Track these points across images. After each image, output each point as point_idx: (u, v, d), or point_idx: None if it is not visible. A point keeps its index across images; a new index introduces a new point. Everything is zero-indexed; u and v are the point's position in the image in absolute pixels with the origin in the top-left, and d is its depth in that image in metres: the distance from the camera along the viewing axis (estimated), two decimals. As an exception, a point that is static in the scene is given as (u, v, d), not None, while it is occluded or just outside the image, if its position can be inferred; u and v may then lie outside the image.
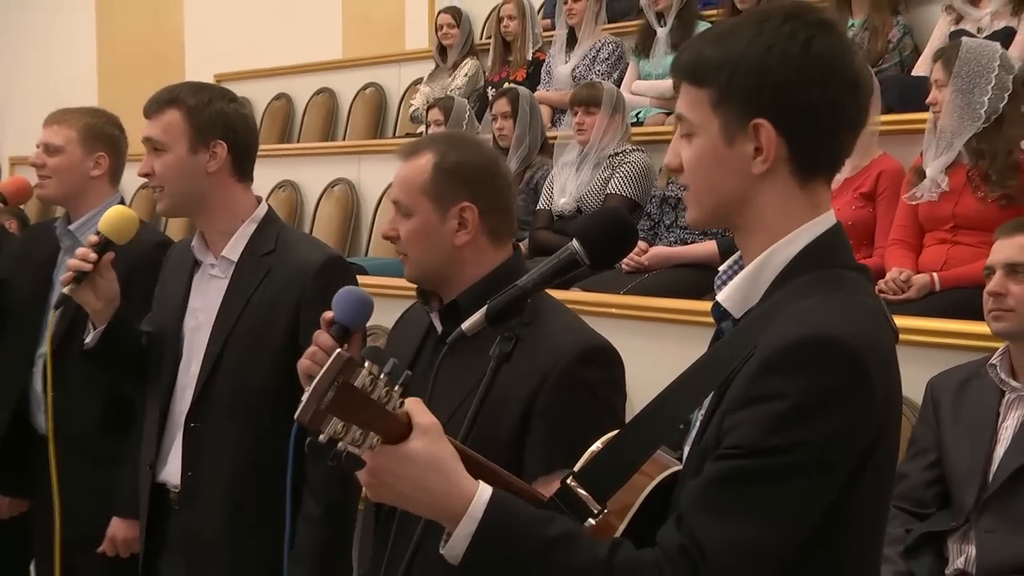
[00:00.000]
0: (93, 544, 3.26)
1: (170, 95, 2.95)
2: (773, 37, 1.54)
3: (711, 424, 1.51)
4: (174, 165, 2.90)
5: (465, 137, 2.78)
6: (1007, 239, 2.88)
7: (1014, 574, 2.68)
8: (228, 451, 2.86)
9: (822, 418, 1.42)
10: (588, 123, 5.19)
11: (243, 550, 2.85)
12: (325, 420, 1.37)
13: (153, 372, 3.01)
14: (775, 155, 1.54)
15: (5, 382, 3.67)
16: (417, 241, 2.35)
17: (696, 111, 1.58)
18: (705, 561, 1.41)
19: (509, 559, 1.45)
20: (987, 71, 3.86)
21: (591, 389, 2.21)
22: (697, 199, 1.63)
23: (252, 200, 3.03)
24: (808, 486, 1.44)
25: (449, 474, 1.46)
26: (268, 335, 2.85)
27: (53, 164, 3.51)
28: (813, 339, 1.43)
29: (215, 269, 2.96)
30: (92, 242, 2.87)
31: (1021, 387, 2.83)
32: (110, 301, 2.90)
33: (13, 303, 3.66)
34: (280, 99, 9.21)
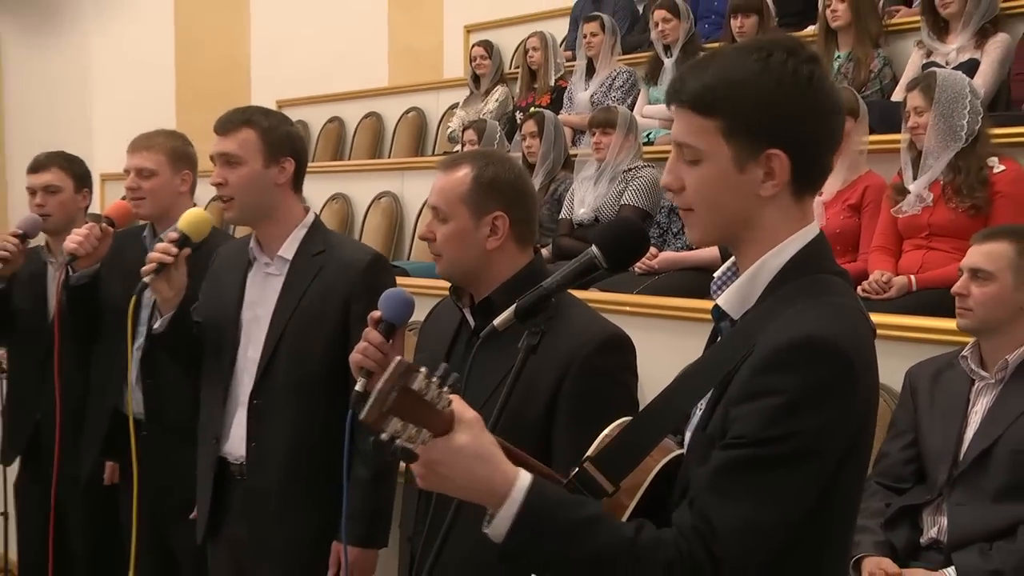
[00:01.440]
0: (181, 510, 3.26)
1: (244, 116, 2.98)
2: (780, 73, 1.53)
3: (715, 415, 1.51)
4: (248, 177, 2.93)
5: (499, 155, 2.79)
6: (977, 246, 2.87)
7: (981, 541, 2.67)
8: (286, 425, 2.88)
9: (814, 411, 1.43)
10: (605, 142, 5.19)
11: (301, 511, 2.88)
12: (387, 420, 1.39)
13: (213, 357, 3.04)
14: (783, 180, 1.54)
15: (108, 375, 3.69)
16: (452, 244, 2.36)
17: (703, 139, 1.56)
18: (716, 538, 1.42)
19: (547, 537, 1.45)
20: (962, 97, 3.84)
21: (610, 374, 2.22)
22: (702, 221, 1.61)
23: (302, 208, 3.07)
24: (803, 471, 1.45)
25: (492, 462, 1.47)
26: (321, 324, 2.88)
27: (148, 187, 3.53)
28: (805, 340, 1.44)
29: (271, 268, 2.99)
30: (172, 238, 2.91)
31: (989, 376, 2.82)
32: (179, 291, 2.94)
33: (107, 305, 3.64)
34: (333, 122, 9.21)
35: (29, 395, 4.08)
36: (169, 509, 3.33)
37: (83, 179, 4.05)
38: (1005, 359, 2.79)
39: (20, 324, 4.06)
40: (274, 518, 2.90)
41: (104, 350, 3.71)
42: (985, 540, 2.67)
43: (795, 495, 1.46)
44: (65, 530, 3.93)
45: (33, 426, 4.08)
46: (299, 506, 2.88)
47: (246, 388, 2.95)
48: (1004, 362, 2.79)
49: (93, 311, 3.69)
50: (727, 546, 1.42)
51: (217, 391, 3.01)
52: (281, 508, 2.89)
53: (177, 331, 3.01)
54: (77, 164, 4.08)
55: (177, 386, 3.35)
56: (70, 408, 3.80)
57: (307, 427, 2.88)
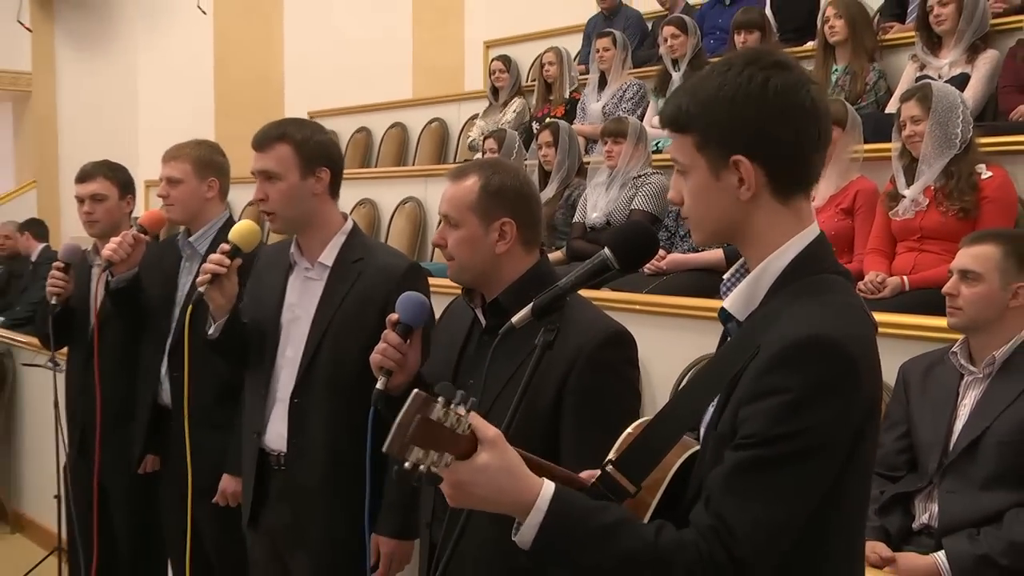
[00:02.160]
0: (208, 495, 3.30)
1: (278, 131, 2.96)
2: (735, 83, 1.54)
3: (725, 414, 1.50)
4: (287, 191, 2.92)
5: (505, 163, 2.78)
6: (966, 249, 2.86)
7: (969, 527, 2.66)
8: (324, 422, 2.89)
9: (819, 408, 1.42)
10: (616, 151, 5.18)
11: (339, 499, 2.86)
12: (408, 450, 1.39)
13: (255, 356, 3.04)
14: (756, 183, 1.54)
15: (148, 368, 3.73)
16: (463, 248, 2.36)
17: (684, 154, 1.59)
18: (734, 539, 1.41)
19: (571, 543, 1.45)
20: (956, 107, 3.84)
21: (613, 368, 2.23)
22: (698, 226, 1.64)
23: (340, 215, 3.05)
24: (811, 468, 1.44)
25: (515, 475, 1.46)
26: (359, 327, 2.85)
27: (176, 194, 3.55)
28: (808, 340, 1.43)
29: (311, 272, 2.98)
30: (224, 249, 2.91)
31: (977, 372, 2.81)
32: (231, 299, 2.94)
33: (147, 304, 3.69)
34: (361, 132, 9.22)
35: (77, 390, 4.10)
36: (197, 491, 3.31)
37: (127, 186, 4.06)
38: (992, 355, 2.78)
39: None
40: (312, 509, 2.90)
41: (149, 348, 3.74)
42: (973, 526, 2.66)
43: (805, 490, 1.44)
44: (109, 511, 3.95)
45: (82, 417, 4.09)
46: (336, 498, 2.87)
47: (285, 385, 2.95)
48: (991, 358, 2.78)
49: (134, 311, 3.71)
50: (745, 546, 1.41)
51: (258, 388, 3.02)
52: (319, 500, 2.89)
53: (229, 336, 3.01)
54: (121, 172, 4.09)
55: (202, 379, 3.34)
56: (113, 401, 3.83)
57: (344, 424, 2.85)
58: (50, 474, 4.33)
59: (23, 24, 9.87)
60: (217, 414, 3.31)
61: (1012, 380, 2.73)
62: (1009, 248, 2.81)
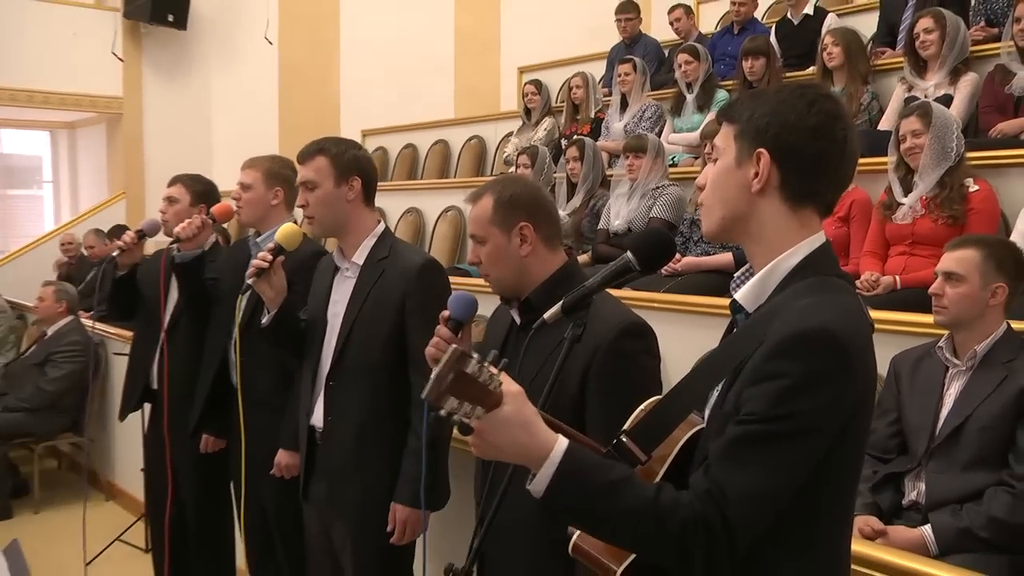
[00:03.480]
0: (267, 468, 3.33)
1: (317, 147, 3.02)
2: (789, 96, 1.56)
3: (730, 394, 1.50)
4: (323, 197, 2.97)
5: (514, 177, 2.81)
6: (950, 253, 2.85)
7: (953, 504, 2.66)
8: (354, 402, 2.91)
9: (813, 393, 1.42)
10: (637, 165, 5.19)
11: (368, 473, 2.89)
12: (445, 399, 1.39)
13: (308, 347, 3.08)
14: (767, 179, 1.54)
15: (213, 350, 3.79)
16: (493, 261, 2.36)
17: (724, 139, 1.60)
18: (727, 502, 1.41)
19: (579, 494, 1.45)
20: (952, 124, 3.83)
21: (631, 356, 2.20)
22: (709, 211, 1.63)
23: (375, 219, 3.08)
24: (804, 445, 1.44)
25: (533, 429, 1.45)
26: (383, 319, 2.90)
27: (246, 197, 3.61)
28: (807, 332, 1.43)
29: (348, 272, 3.02)
30: (270, 248, 2.98)
31: (960, 364, 2.80)
32: (279, 292, 2.99)
33: (221, 295, 3.75)
34: (408, 148, 9.25)
35: (143, 365, 4.17)
36: (259, 467, 3.38)
37: (201, 196, 4.08)
38: (974, 349, 2.78)
39: (144, 308, 4.14)
40: (345, 481, 2.92)
41: (216, 335, 3.80)
42: (957, 502, 2.66)
43: (796, 466, 1.44)
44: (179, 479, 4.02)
45: (143, 390, 4.17)
46: (365, 471, 2.90)
47: (325, 370, 3.00)
48: (973, 352, 2.78)
49: (198, 289, 3.79)
50: (737, 509, 1.41)
51: (308, 374, 3.06)
52: (350, 472, 2.92)
53: (279, 326, 3.05)
54: (199, 183, 4.14)
55: (264, 365, 3.40)
56: (182, 383, 3.90)
57: (371, 404, 2.90)
58: (136, 449, 4.39)
59: (116, 55, 9.97)
60: (275, 397, 3.34)
61: (991, 372, 2.72)
62: (988, 252, 2.79)
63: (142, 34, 10.07)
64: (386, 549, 2.84)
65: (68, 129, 12.13)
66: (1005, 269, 2.78)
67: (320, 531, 3.08)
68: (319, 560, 3.14)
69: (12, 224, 12.97)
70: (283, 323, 3.05)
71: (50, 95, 10.08)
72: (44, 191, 13.08)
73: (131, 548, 5.03)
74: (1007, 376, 2.68)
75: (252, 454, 3.30)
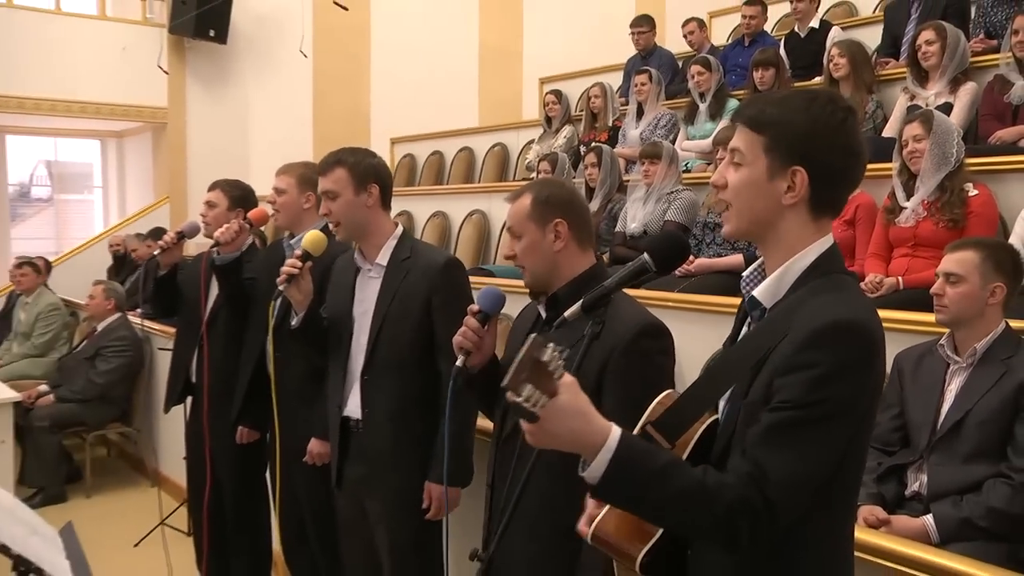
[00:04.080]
0: (300, 456, 3.37)
1: (335, 158, 3.06)
2: (820, 112, 1.55)
3: (756, 384, 1.51)
4: (344, 205, 3.01)
5: (552, 179, 2.84)
6: (950, 254, 2.84)
7: (953, 494, 2.65)
8: (388, 394, 2.95)
9: (844, 381, 1.44)
10: (652, 171, 5.18)
11: (404, 457, 2.93)
12: (523, 386, 1.36)
13: (334, 343, 3.11)
14: (800, 194, 1.55)
15: (252, 346, 3.82)
16: (528, 254, 2.37)
17: (749, 149, 1.58)
18: (768, 483, 1.42)
19: (634, 479, 1.45)
20: (952, 131, 3.80)
21: (646, 355, 2.19)
22: (736, 215, 1.62)
23: (392, 223, 3.11)
24: (836, 429, 1.46)
25: (589, 418, 1.44)
26: (410, 315, 2.93)
27: (280, 202, 3.65)
28: (837, 324, 1.45)
29: (371, 272, 3.05)
30: (297, 255, 3.01)
31: (961, 361, 2.79)
32: (307, 295, 3.03)
33: (257, 294, 3.78)
34: (435, 154, 9.26)
35: (184, 361, 4.20)
36: (293, 455, 3.40)
37: (238, 200, 4.10)
38: (974, 347, 2.76)
39: (186, 307, 4.17)
40: (383, 463, 2.96)
41: (253, 332, 3.82)
42: (957, 493, 2.65)
43: (830, 448, 1.46)
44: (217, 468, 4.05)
45: (184, 384, 4.19)
46: (401, 456, 2.94)
47: (358, 365, 3.02)
48: (973, 350, 2.76)
49: (236, 289, 3.81)
50: (777, 490, 1.43)
51: (338, 369, 3.08)
52: (388, 455, 2.95)
53: (309, 327, 3.09)
54: (237, 189, 4.16)
55: (295, 361, 3.43)
56: (221, 372, 3.93)
57: (404, 394, 2.93)
58: (179, 439, 4.42)
59: (162, 68, 10.06)
60: (307, 390, 3.37)
61: (991, 369, 2.71)
62: (987, 253, 2.78)
63: (186, 48, 10.16)
64: (419, 525, 2.89)
65: (117, 138, 12.23)
66: (1003, 270, 2.76)
67: (354, 512, 3.12)
68: (351, 540, 3.18)
69: (65, 227, 13.12)
70: (311, 324, 3.09)
71: (101, 106, 10.18)
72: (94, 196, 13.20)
73: (175, 531, 5.07)
74: (1006, 372, 2.66)
75: (285, 444, 3.33)
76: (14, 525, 2.86)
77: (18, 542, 2.72)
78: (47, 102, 9.96)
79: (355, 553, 3.18)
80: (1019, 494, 2.53)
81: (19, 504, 3.11)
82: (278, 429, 3.32)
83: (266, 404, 3.60)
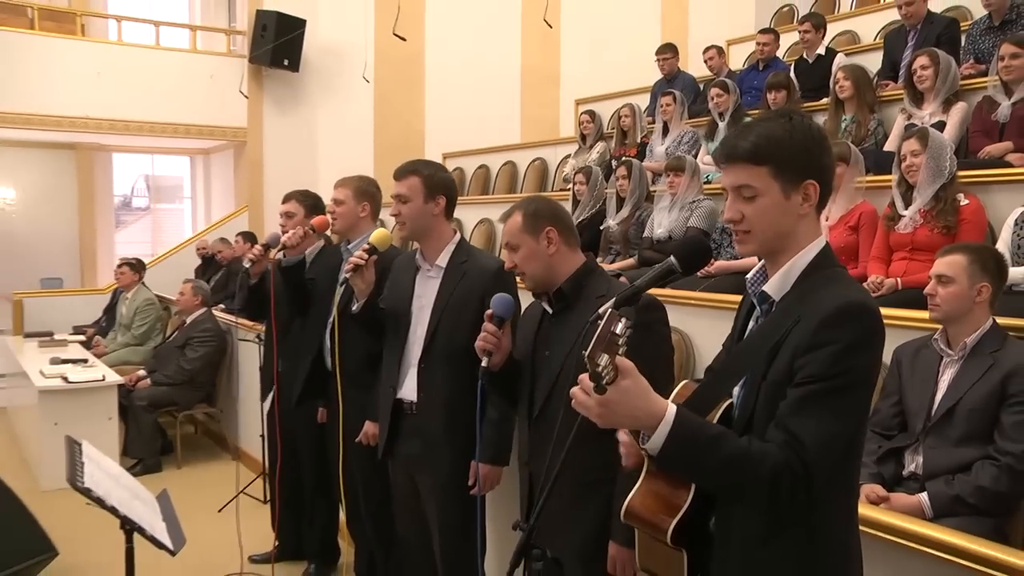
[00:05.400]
0: (355, 436, 3.42)
1: (412, 167, 3.09)
2: (801, 130, 1.59)
3: (776, 364, 1.53)
4: (413, 210, 3.03)
5: (534, 196, 2.88)
6: (941, 258, 2.82)
7: (946, 474, 2.64)
8: (442, 380, 2.98)
9: (861, 354, 1.48)
10: (677, 182, 5.18)
11: (454, 437, 2.95)
12: (600, 355, 1.37)
13: (392, 333, 3.14)
14: (813, 201, 1.60)
15: (311, 338, 3.86)
16: (528, 261, 2.46)
17: (759, 181, 1.59)
18: (804, 448, 1.45)
19: (691, 448, 1.47)
20: (945, 146, 3.78)
21: (648, 325, 2.24)
22: (758, 237, 1.62)
23: (451, 230, 3.13)
24: (858, 396, 1.50)
25: (650, 397, 1.46)
26: (465, 312, 2.95)
27: (339, 211, 3.68)
28: (850, 306, 1.49)
29: (431, 272, 3.08)
30: (365, 248, 3.04)
31: (953, 354, 2.77)
32: (369, 285, 3.05)
33: (317, 293, 3.84)
34: (481, 168, 9.28)
35: (270, 353, 4.25)
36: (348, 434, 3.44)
37: (312, 208, 4.14)
38: (964, 342, 2.74)
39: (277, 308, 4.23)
40: (435, 442, 2.99)
41: (315, 325, 3.86)
42: (949, 473, 2.64)
43: (854, 413, 1.50)
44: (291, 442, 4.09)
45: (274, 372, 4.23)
46: (452, 436, 2.96)
47: (415, 354, 3.04)
48: (963, 344, 2.74)
49: (301, 288, 3.85)
50: (812, 452, 1.44)
51: (394, 356, 3.11)
52: (440, 435, 2.98)
53: (368, 313, 3.11)
54: (310, 198, 4.20)
55: (354, 350, 3.45)
56: (294, 360, 3.98)
57: (457, 382, 2.93)
58: (256, 419, 4.50)
59: (243, 93, 10.21)
60: (365, 376, 3.40)
61: (979, 361, 2.69)
62: (974, 257, 2.77)
63: (263, 76, 10.30)
64: (466, 498, 2.92)
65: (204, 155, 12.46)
66: (988, 271, 2.74)
67: (406, 483, 3.15)
68: (402, 506, 3.22)
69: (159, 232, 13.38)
70: (370, 311, 3.11)
71: (191, 127, 10.37)
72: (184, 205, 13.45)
73: (252, 500, 5.16)
74: (992, 365, 2.64)
75: (346, 424, 3.38)
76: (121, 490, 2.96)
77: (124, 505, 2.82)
78: (147, 124, 10.20)
79: (407, 522, 3.22)
80: (1004, 474, 2.52)
81: (124, 472, 3.21)
82: (341, 410, 3.36)
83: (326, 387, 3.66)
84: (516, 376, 2.54)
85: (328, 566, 4.37)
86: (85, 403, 5.91)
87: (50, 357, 6.79)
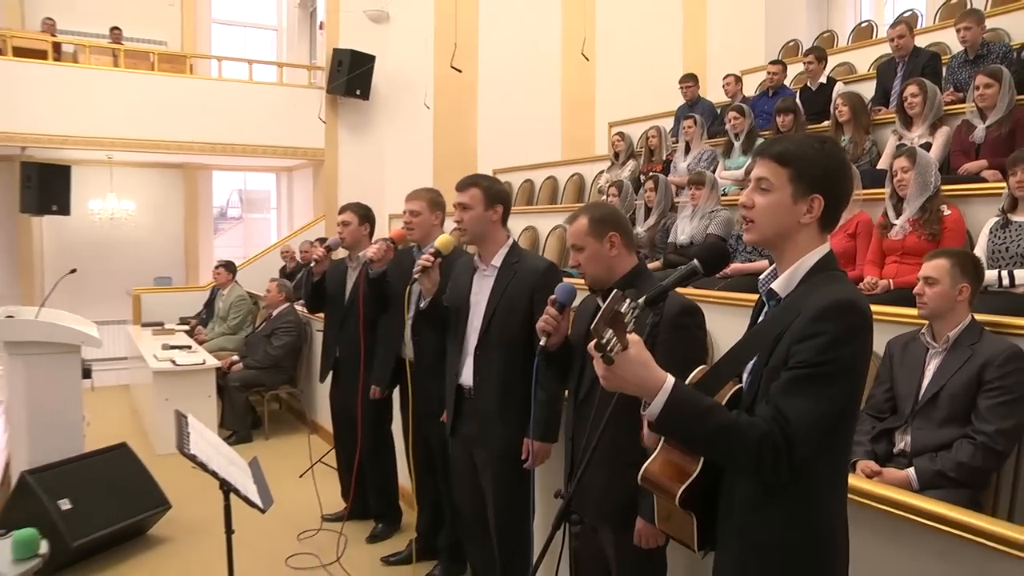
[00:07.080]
0: (433, 417, 3.43)
1: (473, 180, 3.09)
2: (831, 153, 1.59)
3: (776, 353, 1.53)
4: (474, 217, 3.02)
5: (598, 203, 2.82)
6: (927, 262, 2.82)
7: (930, 452, 2.64)
8: (496, 367, 2.97)
9: (847, 345, 1.46)
10: (698, 194, 5.17)
11: (508, 415, 2.94)
12: (605, 330, 1.36)
13: (453, 325, 3.13)
14: (815, 215, 1.58)
15: (395, 334, 3.89)
16: (592, 262, 2.41)
17: (776, 177, 1.59)
18: (788, 424, 1.45)
19: (685, 416, 1.45)
20: (931, 164, 3.76)
21: (685, 327, 2.24)
22: (760, 227, 1.63)
23: (506, 235, 3.13)
24: (841, 383, 1.47)
25: (651, 367, 1.44)
26: (516, 306, 2.94)
27: (416, 222, 3.67)
28: (840, 302, 1.48)
29: (487, 272, 3.07)
30: (431, 252, 3.05)
31: (937, 347, 2.76)
32: (435, 284, 3.06)
33: (392, 293, 3.84)
34: (526, 182, 9.30)
35: (331, 341, 4.31)
36: (426, 414, 3.47)
37: (363, 217, 4.18)
38: (947, 335, 2.73)
39: (329, 299, 4.28)
40: (490, 421, 2.98)
41: (390, 318, 3.89)
42: (933, 451, 2.63)
43: (837, 398, 1.46)
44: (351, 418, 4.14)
45: (333, 360, 4.31)
46: (505, 415, 2.94)
47: (472, 343, 3.02)
48: (946, 338, 2.73)
49: (383, 294, 3.86)
50: (795, 428, 1.43)
51: (455, 346, 3.11)
52: (495, 415, 2.96)
53: (434, 309, 3.13)
54: (363, 209, 4.23)
55: (429, 342, 3.48)
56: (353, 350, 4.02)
57: (509, 368, 2.92)
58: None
59: (321, 119, 10.37)
60: (437, 365, 3.41)
61: (960, 353, 2.68)
62: (955, 260, 2.77)
63: (339, 104, 10.45)
64: (518, 470, 2.91)
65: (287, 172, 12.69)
66: (968, 273, 2.74)
67: (465, 457, 3.16)
68: (461, 477, 3.24)
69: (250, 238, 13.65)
70: (435, 308, 3.13)
71: (277, 148, 10.61)
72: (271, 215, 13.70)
73: (327, 467, 5.27)
74: (971, 356, 2.63)
75: (421, 405, 3.40)
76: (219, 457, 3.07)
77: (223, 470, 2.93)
78: (240, 146, 10.47)
79: (465, 492, 3.23)
80: (979, 451, 2.51)
81: (221, 442, 3.33)
82: (411, 392, 3.38)
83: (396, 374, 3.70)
84: (569, 358, 2.50)
85: (391, 526, 4.45)
86: (189, 383, 6.09)
87: (161, 343, 7.00)
